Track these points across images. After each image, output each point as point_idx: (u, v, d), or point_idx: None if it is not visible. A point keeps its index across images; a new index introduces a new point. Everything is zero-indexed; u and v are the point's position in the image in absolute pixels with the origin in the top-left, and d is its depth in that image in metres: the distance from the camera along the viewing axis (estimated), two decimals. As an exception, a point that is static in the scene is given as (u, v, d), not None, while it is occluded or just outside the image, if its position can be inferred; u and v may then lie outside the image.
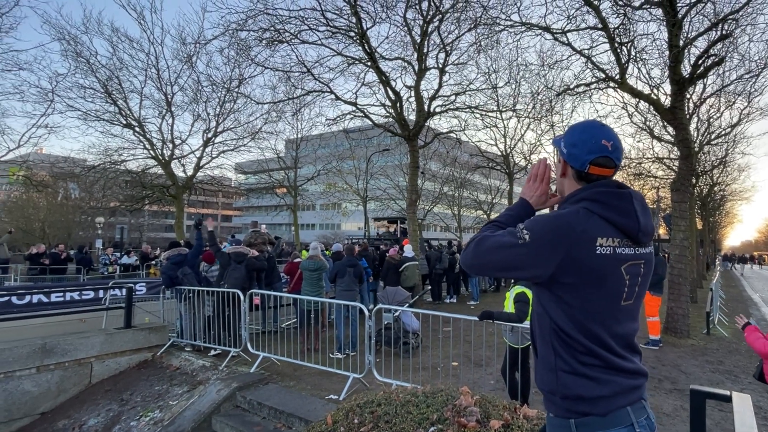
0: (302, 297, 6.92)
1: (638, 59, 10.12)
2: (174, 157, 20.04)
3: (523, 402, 4.21)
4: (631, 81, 9.97)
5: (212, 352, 6.87)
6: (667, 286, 8.70)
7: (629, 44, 9.31)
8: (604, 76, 9.46)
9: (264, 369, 6.11)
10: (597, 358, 1.32)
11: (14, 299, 11.06)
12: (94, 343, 6.72)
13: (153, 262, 16.70)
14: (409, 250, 11.34)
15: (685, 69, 8.98)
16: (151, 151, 19.57)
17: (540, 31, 10.12)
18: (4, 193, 34.13)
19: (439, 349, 5.84)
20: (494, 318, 4.48)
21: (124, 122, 19.00)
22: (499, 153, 22.17)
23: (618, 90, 10.06)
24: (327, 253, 11.82)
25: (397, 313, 6.38)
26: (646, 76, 10.77)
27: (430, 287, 12.56)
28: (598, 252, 1.29)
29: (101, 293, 10.92)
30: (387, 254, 11.33)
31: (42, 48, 38.94)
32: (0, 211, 36.41)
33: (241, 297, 6.49)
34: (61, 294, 11.40)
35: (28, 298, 11.16)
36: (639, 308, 1.44)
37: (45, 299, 11.25)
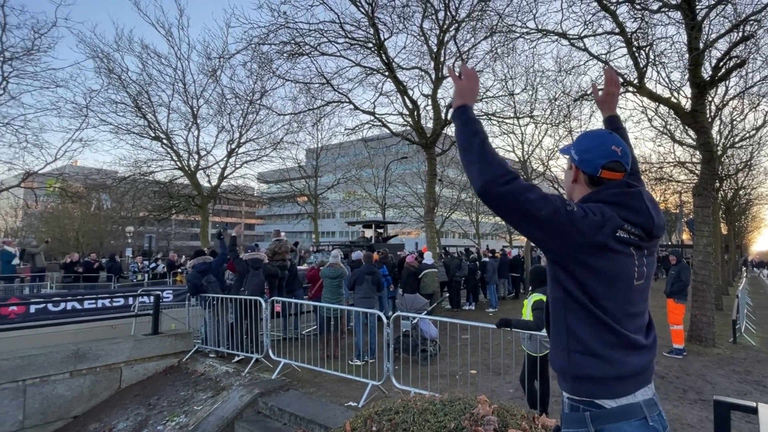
0: (321, 304, 6.96)
1: (657, 63, 9.91)
2: (199, 167, 20.47)
3: (542, 411, 4.12)
4: (650, 85, 9.79)
5: (235, 359, 6.95)
6: (691, 293, 8.42)
7: (647, 48, 9.13)
8: (622, 80, 9.30)
9: (285, 375, 6.15)
10: (612, 334, 1.34)
11: (50, 306, 11.48)
12: (123, 348, 6.89)
13: (179, 270, 17.05)
14: (428, 257, 11.29)
15: (706, 71, 8.75)
16: (178, 163, 20.05)
17: (556, 37, 10.03)
18: (42, 204, 35.38)
19: (457, 357, 5.78)
20: (512, 326, 4.42)
21: (153, 135, 19.54)
22: (517, 159, 21.91)
23: (637, 94, 9.86)
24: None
25: (415, 321, 6.35)
26: (666, 79, 10.52)
27: (448, 294, 12.47)
28: (618, 234, 1.34)
29: (131, 300, 11.21)
30: (405, 261, 11.31)
31: (77, 66, 40.62)
32: (38, 221, 37.78)
33: (263, 304, 6.57)
34: (93, 301, 11.77)
35: (62, 305, 11.57)
36: (649, 288, 1.48)
37: (78, 306, 11.64)
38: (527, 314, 4.66)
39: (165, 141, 19.59)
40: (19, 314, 10.56)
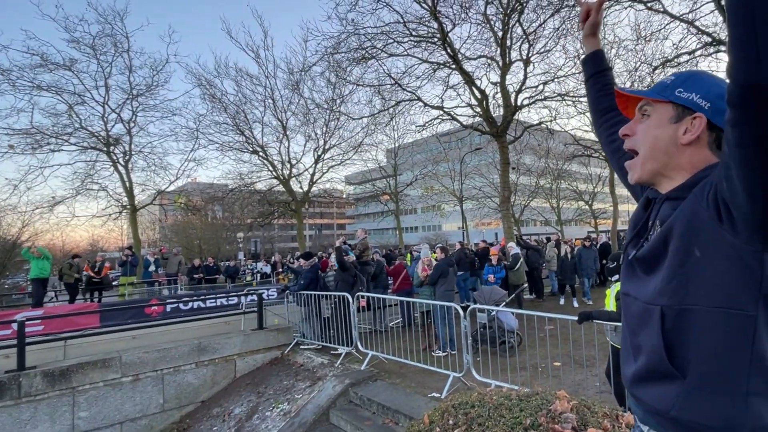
0: (403, 298, 7.02)
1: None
2: (292, 175, 21.74)
3: (629, 408, 3.75)
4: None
5: (330, 351, 7.27)
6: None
7: None
8: (710, 39, 8.05)
9: (373, 366, 6.32)
10: None
11: (181, 305, 13.04)
12: (235, 342, 7.59)
13: (280, 271, 18.31)
14: (515, 247, 10.74)
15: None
16: (274, 172, 21.46)
17: (629, 2, 8.99)
18: (172, 218, 40.07)
19: (538, 349, 5.48)
20: (593, 318, 4.09)
21: (251, 149, 21.12)
22: (596, 139, 20.09)
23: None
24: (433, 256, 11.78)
25: (493, 313, 6.14)
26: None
27: (526, 285, 11.70)
28: None
29: (242, 299, 12.33)
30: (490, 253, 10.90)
31: (187, 94, 45.70)
32: (170, 232, 43.04)
33: (350, 299, 6.80)
34: (214, 300, 13.17)
35: (190, 304, 13.09)
36: None
37: (202, 305, 13.08)
38: (610, 305, 4.27)
39: (261, 153, 21.07)
40: (159, 313, 12.12)
